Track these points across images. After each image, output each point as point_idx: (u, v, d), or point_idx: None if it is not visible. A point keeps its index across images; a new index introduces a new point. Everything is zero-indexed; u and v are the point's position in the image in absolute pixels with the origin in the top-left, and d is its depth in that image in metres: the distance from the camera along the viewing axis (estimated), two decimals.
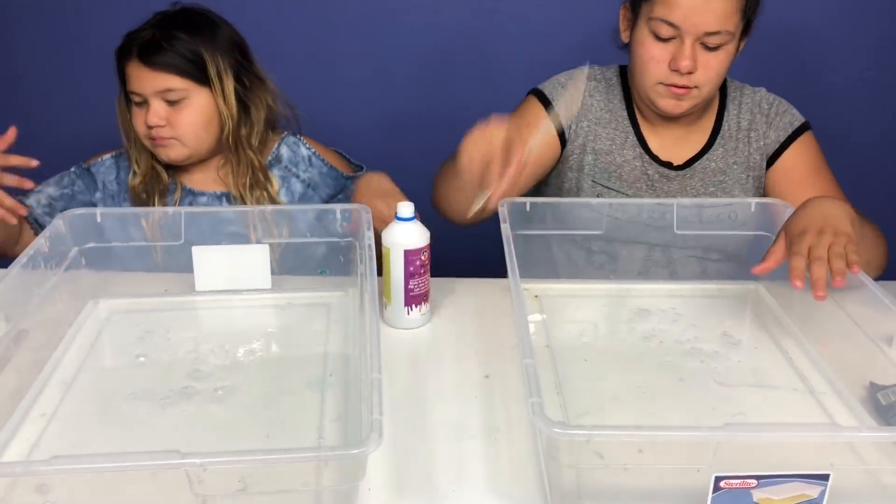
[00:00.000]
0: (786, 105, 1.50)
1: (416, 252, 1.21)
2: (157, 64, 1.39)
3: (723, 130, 1.48)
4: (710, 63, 1.33)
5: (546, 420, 0.80)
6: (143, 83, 1.40)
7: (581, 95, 1.28)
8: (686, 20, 1.29)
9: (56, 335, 1.18)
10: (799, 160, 1.47)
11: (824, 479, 0.82)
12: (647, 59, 1.36)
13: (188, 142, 1.45)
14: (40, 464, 0.74)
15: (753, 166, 1.48)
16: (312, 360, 1.15)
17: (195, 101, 1.43)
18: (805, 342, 1.19)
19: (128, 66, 1.41)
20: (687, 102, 1.38)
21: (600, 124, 1.47)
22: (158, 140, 1.43)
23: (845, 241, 1.09)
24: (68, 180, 1.49)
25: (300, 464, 0.81)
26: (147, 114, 1.41)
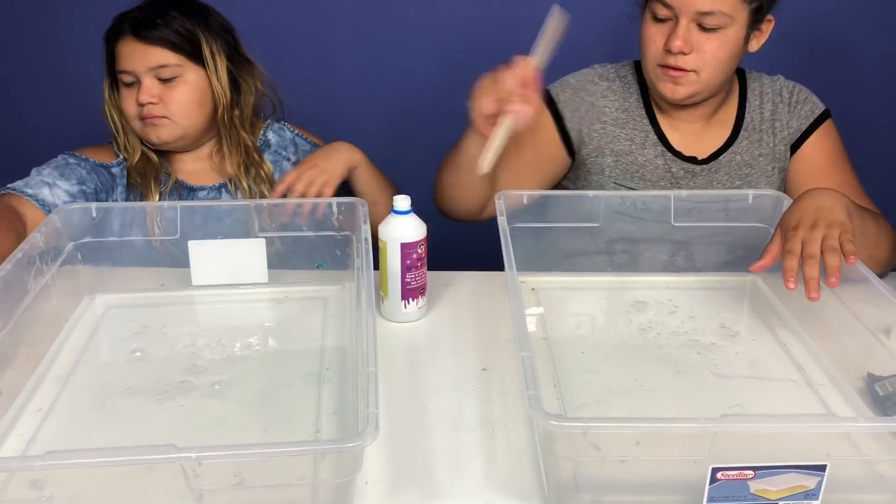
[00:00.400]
0: (806, 92, 1.49)
1: (412, 245, 1.21)
2: (152, 39, 1.38)
3: (746, 122, 1.47)
4: (705, 45, 1.32)
5: (542, 412, 0.80)
6: (135, 59, 1.39)
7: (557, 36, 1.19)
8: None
9: (52, 330, 1.17)
10: (819, 150, 1.46)
11: (821, 469, 0.82)
12: (645, 41, 1.36)
13: (180, 120, 1.43)
14: (34, 459, 0.74)
15: (779, 157, 1.47)
16: (309, 353, 1.15)
17: (188, 78, 1.42)
18: (803, 333, 1.19)
19: (119, 44, 1.39)
20: (685, 88, 1.36)
21: (617, 125, 1.45)
22: (149, 119, 1.41)
23: (839, 231, 1.08)
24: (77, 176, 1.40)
25: (296, 457, 0.80)
26: (139, 92, 1.40)
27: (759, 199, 1.32)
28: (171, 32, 1.40)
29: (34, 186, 1.36)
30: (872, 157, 1.76)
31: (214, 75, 1.44)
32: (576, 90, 1.45)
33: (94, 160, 1.45)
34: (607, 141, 1.45)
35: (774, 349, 1.17)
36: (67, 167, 1.41)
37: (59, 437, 0.99)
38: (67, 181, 1.39)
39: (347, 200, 1.29)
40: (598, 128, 1.44)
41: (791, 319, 1.22)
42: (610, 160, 1.45)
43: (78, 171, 1.41)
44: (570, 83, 1.47)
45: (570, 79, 1.48)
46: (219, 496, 0.81)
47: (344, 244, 1.30)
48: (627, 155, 1.45)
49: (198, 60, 1.43)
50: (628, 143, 1.45)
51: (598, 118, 1.44)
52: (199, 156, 1.52)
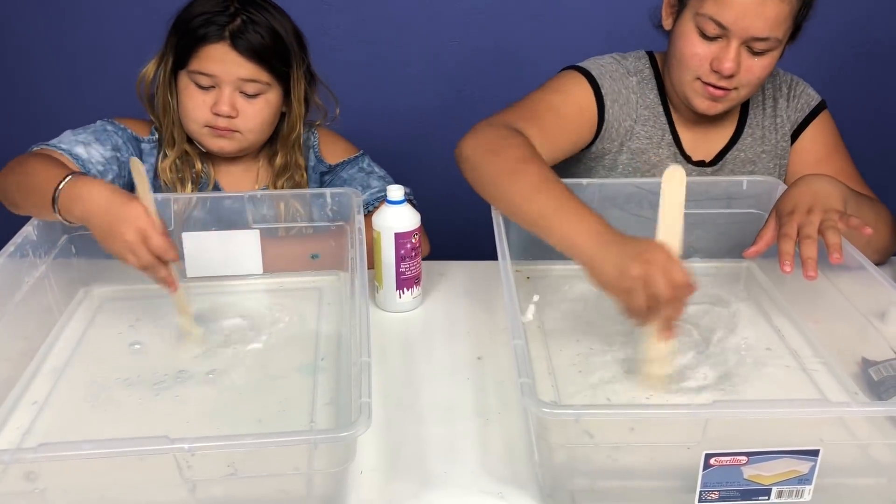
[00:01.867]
0: (803, 84, 1.47)
1: (406, 235, 1.21)
2: (249, 51, 1.31)
3: (749, 119, 1.44)
4: (754, 68, 1.27)
5: (535, 400, 0.80)
6: (225, 67, 1.31)
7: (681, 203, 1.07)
8: (736, 22, 1.23)
9: (47, 323, 1.17)
10: (816, 141, 1.45)
11: (814, 454, 0.82)
12: (689, 55, 1.29)
13: (249, 136, 1.37)
14: (27, 451, 0.74)
15: (781, 154, 1.45)
16: (304, 344, 1.15)
17: (270, 97, 1.36)
18: (797, 319, 1.19)
19: (207, 46, 1.30)
20: (723, 104, 1.33)
21: (639, 122, 1.41)
22: (219, 130, 1.35)
23: (836, 217, 1.08)
24: (113, 143, 1.35)
25: (289, 447, 0.80)
26: (217, 100, 1.32)
27: (754, 186, 1.31)
28: (270, 50, 1.33)
29: (68, 144, 1.31)
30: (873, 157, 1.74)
31: (295, 97, 1.39)
32: (614, 80, 1.39)
33: (131, 131, 1.40)
34: (628, 137, 1.41)
35: (769, 334, 1.17)
36: (105, 133, 1.36)
37: (55, 429, 0.99)
38: (102, 146, 1.33)
39: (341, 191, 1.29)
40: (627, 124, 1.40)
41: (786, 305, 1.22)
42: (625, 157, 1.42)
43: (114, 139, 1.36)
44: (608, 70, 1.40)
45: (604, 63, 1.41)
46: (212, 487, 0.81)
47: (338, 234, 1.30)
48: (642, 154, 1.42)
49: (283, 80, 1.37)
50: (646, 142, 1.42)
51: (628, 114, 1.40)
52: (251, 164, 1.46)
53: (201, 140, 1.38)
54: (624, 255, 0.97)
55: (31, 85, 2.17)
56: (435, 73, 2.17)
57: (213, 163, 1.44)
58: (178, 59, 1.34)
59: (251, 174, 1.46)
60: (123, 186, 1.35)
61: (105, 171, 1.32)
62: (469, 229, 1.49)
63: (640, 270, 0.95)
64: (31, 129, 1.42)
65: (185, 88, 1.35)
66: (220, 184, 1.44)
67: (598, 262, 1.00)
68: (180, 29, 1.34)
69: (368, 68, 2.16)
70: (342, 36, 2.12)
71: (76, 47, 2.12)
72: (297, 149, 1.44)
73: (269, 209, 1.28)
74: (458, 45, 2.14)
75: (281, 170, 1.44)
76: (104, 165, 1.32)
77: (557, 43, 2.09)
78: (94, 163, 1.31)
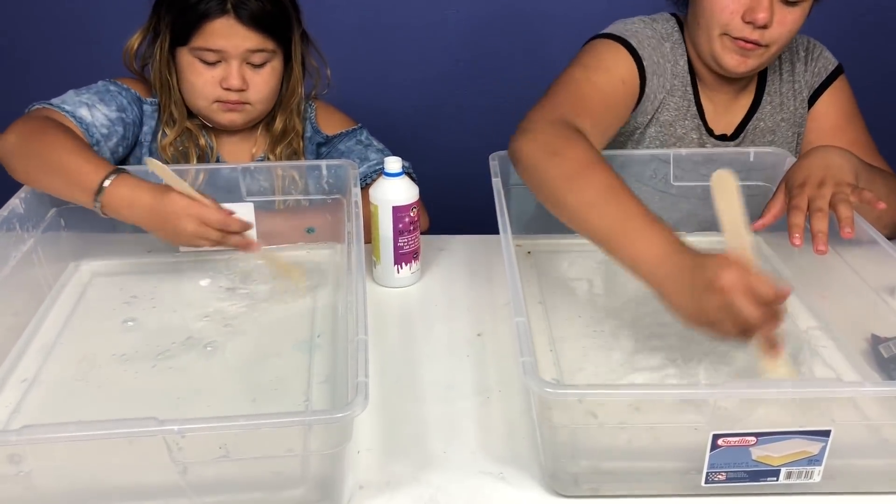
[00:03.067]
0: (820, 47, 1.42)
1: (404, 209, 1.18)
2: (253, 22, 1.28)
3: (767, 86, 1.39)
4: (787, 19, 1.21)
5: (537, 380, 0.78)
6: (231, 41, 1.28)
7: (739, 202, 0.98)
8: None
9: (35, 299, 1.15)
10: (832, 107, 1.40)
11: (825, 435, 0.80)
12: (719, 8, 1.22)
13: (260, 107, 1.35)
14: (10, 434, 0.72)
15: (798, 121, 1.41)
16: (300, 321, 1.12)
17: (275, 63, 1.34)
18: (805, 295, 1.16)
19: (211, 21, 1.27)
20: (753, 60, 1.26)
21: (670, 93, 1.35)
22: (229, 104, 1.33)
23: (848, 191, 1.05)
24: (118, 103, 1.32)
25: (283, 429, 0.78)
26: (226, 75, 1.30)
27: (761, 157, 1.28)
28: (272, 16, 1.30)
29: (72, 105, 1.27)
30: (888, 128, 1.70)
31: (295, 60, 1.37)
32: (653, 48, 1.32)
33: (134, 91, 1.36)
34: (660, 109, 1.35)
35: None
36: (108, 93, 1.32)
37: (44, 407, 0.97)
38: (107, 106, 1.30)
39: (337, 163, 1.26)
40: (661, 96, 1.34)
41: (794, 280, 1.19)
42: (653, 130, 1.36)
43: (119, 99, 1.33)
44: (644, 36, 1.31)
45: (639, 29, 1.32)
46: (204, 469, 0.79)
47: (335, 208, 1.26)
48: (670, 126, 1.36)
49: (286, 45, 1.35)
50: (674, 113, 1.36)
51: (662, 86, 1.33)
52: (250, 134, 1.43)
53: (210, 115, 1.35)
54: (697, 285, 0.86)
55: (29, 48, 2.13)
56: (434, 43, 2.13)
57: (215, 135, 1.41)
58: (177, 37, 1.31)
59: (249, 143, 1.43)
60: (126, 148, 1.34)
61: (109, 135, 1.29)
62: (469, 203, 1.46)
63: (718, 301, 0.85)
64: (28, 92, 1.37)
65: (190, 66, 1.31)
66: (221, 155, 1.41)
67: (671, 292, 0.90)
68: (175, 6, 1.30)
69: (366, 39, 2.12)
70: (338, 4, 2.07)
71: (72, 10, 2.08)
72: (296, 114, 1.42)
73: (264, 181, 1.25)
74: (456, 13, 2.09)
75: (280, 135, 1.41)
76: (108, 128, 1.29)
77: (559, 9, 2.04)
78: (98, 126, 1.28)
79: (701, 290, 0.86)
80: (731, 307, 0.84)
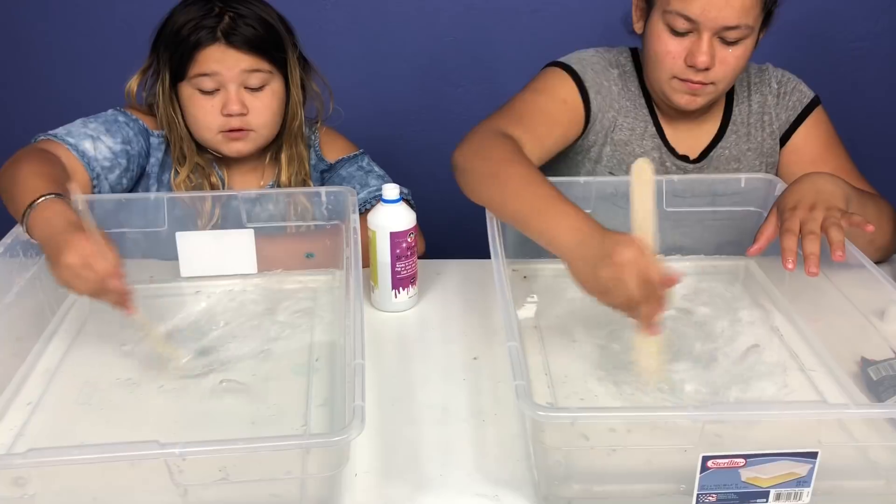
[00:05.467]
0: (794, 81, 1.44)
1: (402, 234, 1.20)
2: (245, 45, 1.30)
3: (734, 115, 1.43)
4: (728, 59, 1.27)
5: (531, 403, 0.79)
6: (224, 63, 1.30)
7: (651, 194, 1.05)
8: (704, 14, 1.22)
9: (39, 324, 1.16)
10: (811, 139, 1.42)
11: (812, 456, 0.82)
12: (662, 54, 1.29)
13: (262, 131, 1.36)
14: (15, 457, 0.74)
15: (767, 152, 1.43)
16: (299, 345, 1.14)
17: (274, 86, 1.35)
18: (796, 318, 1.18)
19: (203, 50, 1.29)
20: (702, 98, 1.32)
21: (621, 113, 1.40)
22: (233, 133, 1.34)
23: (839, 216, 1.07)
24: (123, 135, 1.34)
25: (282, 451, 0.80)
26: (225, 101, 1.32)
27: (752, 183, 1.30)
28: (263, 38, 1.32)
29: (76, 136, 1.29)
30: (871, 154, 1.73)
31: (293, 83, 1.38)
32: (597, 72, 1.39)
33: (143, 123, 1.38)
34: (612, 129, 1.41)
35: (767, 334, 1.16)
36: (116, 124, 1.35)
37: (48, 431, 0.98)
38: (112, 138, 1.32)
39: (337, 189, 1.28)
40: (610, 115, 1.39)
41: (785, 303, 1.21)
42: (609, 150, 1.42)
43: (125, 130, 1.35)
44: (589, 62, 1.40)
45: (586, 57, 1.41)
46: (204, 491, 0.80)
47: (333, 234, 1.29)
48: (626, 145, 1.42)
49: (282, 66, 1.36)
50: (629, 133, 1.41)
51: (610, 105, 1.39)
52: (258, 163, 1.44)
53: (217, 147, 1.37)
54: (597, 255, 0.97)
55: (39, 78, 2.16)
56: (432, 70, 2.16)
57: (226, 168, 1.43)
58: (176, 73, 1.33)
59: (258, 173, 1.45)
60: (130, 180, 1.36)
61: (112, 167, 1.32)
62: (465, 227, 1.48)
63: (610, 272, 0.95)
64: (37, 121, 1.40)
65: (191, 98, 1.34)
66: (233, 188, 1.43)
67: (575, 260, 1.01)
68: (170, 42, 1.32)
69: (364, 65, 2.15)
70: (338, 32, 2.11)
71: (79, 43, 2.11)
72: (300, 139, 1.43)
73: (263, 208, 1.27)
74: (455, 41, 2.13)
75: (288, 162, 1.43)
76: (111, 161, 1.31)
77: (555, 38, 2.07)
78: (101, 159, 1.30)
79: (598, 260, 0.96)
80: (620, 280, 0.94)
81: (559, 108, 1.36)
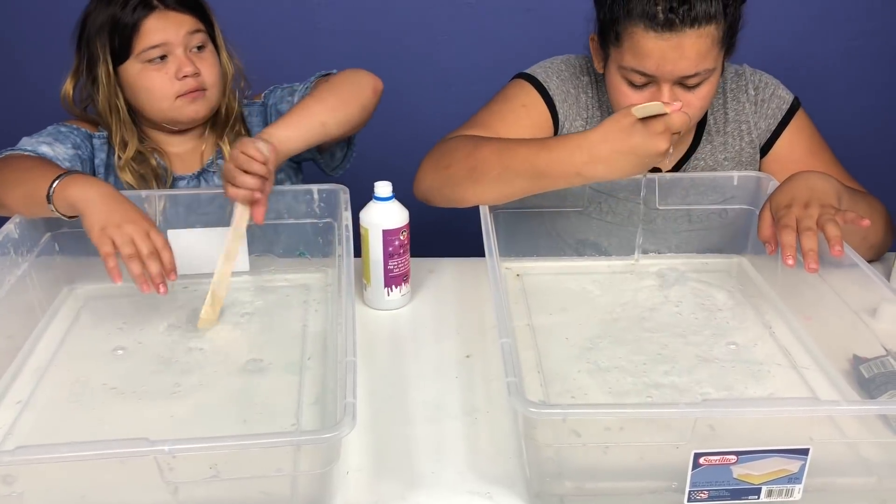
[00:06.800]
0: (773, 85, 1.39)
1: (394, 232, 1.20)
2: (184, 7, 1.34)
3: (709, 125, 1.39)
4: (693, 101, 1.22)
5: (522, 400, 0.79)
6: (169, 31, 1.32)
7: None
8: (660, 69, 1.18)
9: (30, 322, 1.16)
10: (795, 145, 1.38)
11: (804, 453, 0.82)
12: (622, 99, 1.25)
13: (214, 92, 1.39)
14: (4, 454, 0.73)
15: (746, 161, 1.39)
16: (291, 342, 1.14)
17: (211, 47, 1.39)
18: (789, 316, 1.18)
19: (145, 21, 1.31)
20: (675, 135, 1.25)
21: (591, 123, 1.37)
22: (191, 95, 1.35)
23: (834, 213, 1.07)
24: (72, 142, 1.36)
25: (273, 449, 0.79)
26: (178, 66, 1.33)
27: (744, 181, 1.30)
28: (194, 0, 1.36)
29: (31, 146, 1.30)
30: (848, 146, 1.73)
31: (220, 44, 1.41)
32: (563, 80, 1.38)
33: (84, 129, 1.39)
34: None
35: (760, 331, 1.16)
36: (61, 134, 1.36)
37: (37, 429, 0.98)
38: (63, 145, 1.33)
39: (329, 187, 1.28)
40: (578, 124, 1.37)
41: (777, 301, 1.21)
42: None
43: (72, 137, 1.35)
44: (555, 70, 1.39)
45: (552, 65, 1.39)
46: (195, 489, 0.80)
47: (326, 231, 1.28)
48: None
49: (210, 30, 1.40)
50: None
51: (578, 113, 1.38)
52: (189, 142, 1.46)
53: (174, 115, 1.37)
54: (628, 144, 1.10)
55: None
56: (425, 69, 2.16)
57: (165, 155, 1.43)
58: (118, 55, 1.34)
59: (197, 150, 1.46)
60: None
61: (72, 169, 1.31)
62: (459, 225, 1.48)
63: (650, 144, 1.10)
64: None
65: (140, 74, 1.34)
66: (175, 171, 1.44)
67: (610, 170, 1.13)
68: (105, 28, 1.33)
69: (357, 63, 2.14)
70: (331, 29, 2.10)
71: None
72: (234, 97, 1.45)
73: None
74: (448, 39, 2.12)
75: (224, 120, 1.44)
76: (70, 163, 1.32)
77: (552, 37, 2.07)
78: (62, 160, 1.30)
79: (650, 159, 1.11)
80: (654, 146, 1.10)
81: (519, 113, 1.35)
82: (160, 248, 1.10)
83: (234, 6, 1.54)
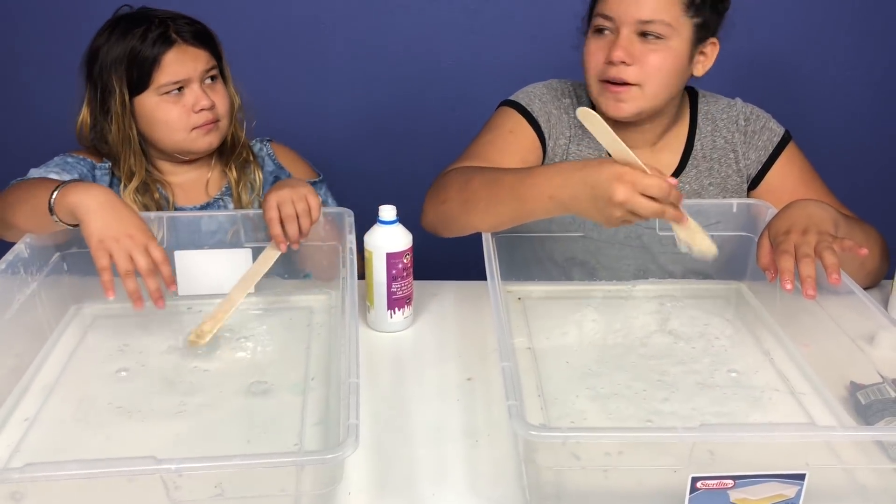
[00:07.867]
0: (763, 118, 1.43)
1: (398, 255, 1.21)
2: (196, 40, 1.38)
3: (696, 150, 1.42)
4: (648, 56, 1.28)
5: (523, 423, 0.80)
6: (187, 65, 1.36)
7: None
8: (618, 8, 1.27)
9: (38, 340, 1.17)
10: (786, 177, 1.41)
11: (800, 478, 0.82)
12: (587, 55, 1.33)
13: (225, 122, 1.43)
14: (13, 471, 0.74)
15: (732, 188, 1.42)
16: (295, 363, 1.15)
17: (220, 80, 1.43)
18: (787, 342, 1.19)
19: (165, 56, 1.35)
20: (628, 104, 1.31)
21: (573, 141, 1.41)
22: (206, 126, 1.39)
23: (830, 241, 1.09)
24: (78, 172, 1.39)
25: (276, 469, 0.80)
26: (195, 99, 1.37)
27: (743, 208, 1.32)
28: (205, 31, 1.41)
29: (40, 174, 1.32)
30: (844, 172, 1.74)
31: (227, 77, 1.45)
32: (545, 102, 1.42)
33: (90, 160, 1.42)
34: (564, 157, 1.42)
35: (758, 357, 1.17)
36: (67, 165, 1.39)
37: (44, 446, 0.99)
38: (69, 175, 1.36)
39: (334, 211, 1.30)
40: (562, 143, 1.41)
41: (775, 327, 1.23)
42: None
43: (79, 168, 1.39)
44: (536, 94, 1.43)
45: (533, 90, 1.44)
46: None
47: (330, 254, 1.30)
48: None
49: (220, 62, 1.44)
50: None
51: (561, 132, 1.41)
52: (193, 173, 1.48)
53: (189, 146, 1.41)
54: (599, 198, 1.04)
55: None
56: (430, 95, 2.18)
57: (168, 186, 1.46)
58: (134, 87, 1.37)
59: (202, 181, 1.49)
60: None
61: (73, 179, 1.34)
62: (461, 248, 1.49)
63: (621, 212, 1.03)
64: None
65: (158, 106, 1.37)
66: (177, 203, 1.46)
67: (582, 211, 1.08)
68: (122, 60, 1.35)
69: (363, 88, 2.17)
70: (336, 53, 2.13)
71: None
72: (240, 126, 1.48)
73: (259, 228, 1.29)
74: (455, 62, 2.15)
75: (230, 149, 1.47)
76: None
77: (550, 55, 2.10)
78: None
79: (604, 205, 1.04)
80: (633, 212, 1.03)
81: (507, 139, 1.39)
82: (159, 262, 1.11)
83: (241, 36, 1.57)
